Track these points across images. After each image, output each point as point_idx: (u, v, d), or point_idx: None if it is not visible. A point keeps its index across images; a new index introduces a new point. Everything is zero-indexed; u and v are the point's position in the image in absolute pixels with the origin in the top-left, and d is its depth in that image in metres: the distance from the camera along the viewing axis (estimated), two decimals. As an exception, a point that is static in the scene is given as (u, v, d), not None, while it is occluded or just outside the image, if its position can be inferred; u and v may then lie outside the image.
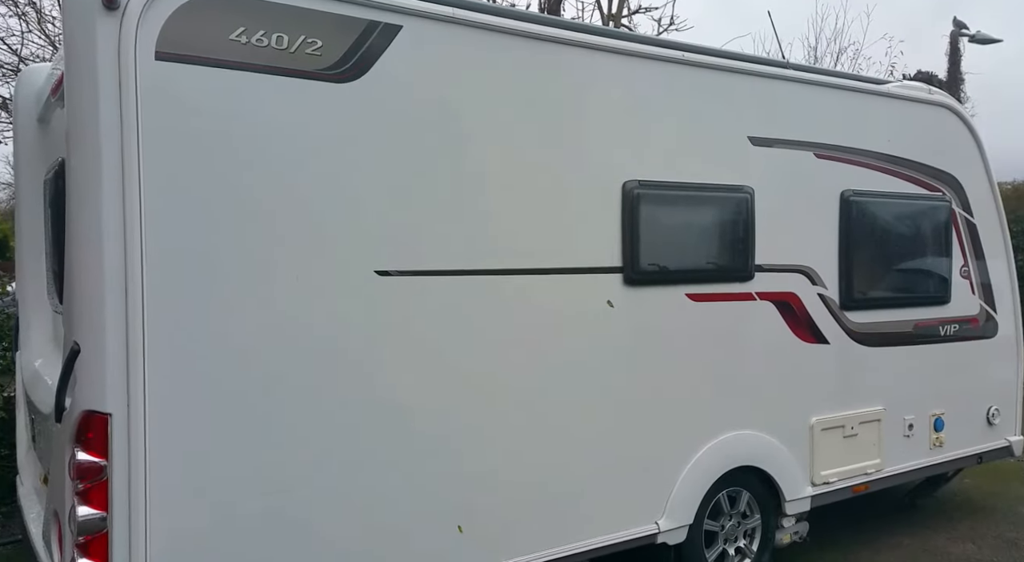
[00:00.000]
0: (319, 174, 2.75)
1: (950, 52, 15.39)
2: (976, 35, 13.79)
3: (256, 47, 2.58)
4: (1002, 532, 4.91)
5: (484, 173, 3.15)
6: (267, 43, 2.60)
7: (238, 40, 2.54)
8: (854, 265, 4.26)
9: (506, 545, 3.18)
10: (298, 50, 2.66)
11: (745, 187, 3.88)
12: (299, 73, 2.68)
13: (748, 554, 4.02)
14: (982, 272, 4.98)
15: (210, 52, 2.50)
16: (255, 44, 2.57)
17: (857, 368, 4.32)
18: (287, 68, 2.65)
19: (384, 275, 2.89)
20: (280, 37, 2.62)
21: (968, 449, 4.90)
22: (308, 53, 2.69)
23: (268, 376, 2.67)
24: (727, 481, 3.85)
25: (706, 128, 3.80)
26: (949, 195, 4.77)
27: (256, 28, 2.57)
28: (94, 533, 2.40)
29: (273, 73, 2.62)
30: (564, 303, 3.37)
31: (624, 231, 3.51)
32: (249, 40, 2.56)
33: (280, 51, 2.63)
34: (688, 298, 3.73)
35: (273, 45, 2.61)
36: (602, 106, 3.47)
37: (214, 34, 2.51)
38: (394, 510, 2.92)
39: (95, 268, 2.39)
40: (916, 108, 4.65)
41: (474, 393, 3.12)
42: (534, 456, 3.26)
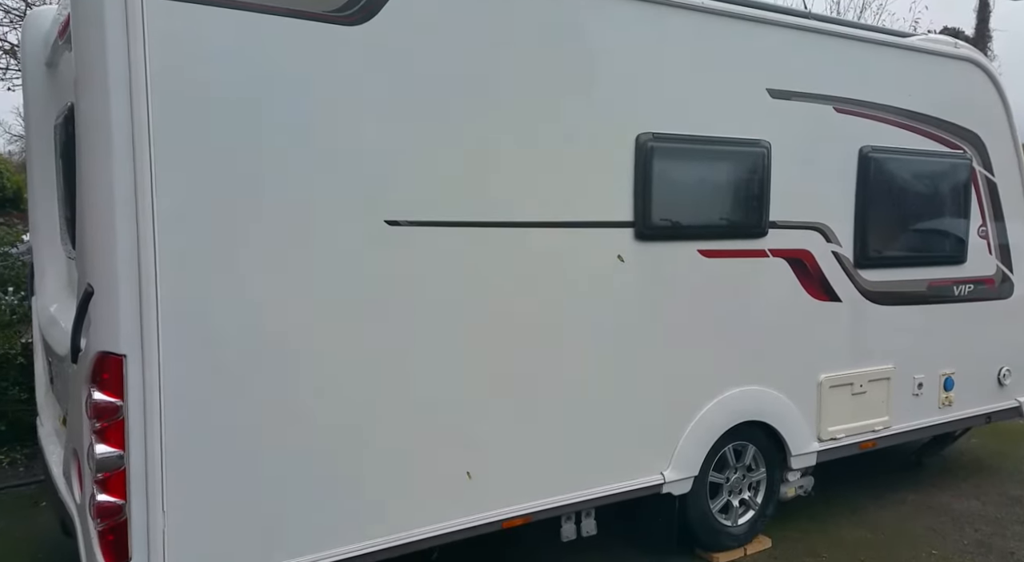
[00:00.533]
0: (328, 119, 2.73)
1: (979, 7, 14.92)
2: (1007, -10, 13.34)
3: (263, -14, 2.53)
4: (1007, 490, 4.95)
5: (497, 122, 3.11)
6: (273, -18, 2.55)
7: None
8: (870, 223, 4.20)
9: (514, 492, 3.23)
10: (307, -9, 2.62)
11: (762, 141, 3.82)
12: (307, 15, 2.64)
13: (752, 506, 4.07)
14: (1000, 232, 4.90)
15: (219, -8, 2.46)
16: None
17: (868, 327, 4.30)
18: (295, 9, 2.61)
19: (394, 225, 2.89)
20: (287, -23, 2.57)
21: (977, 409, 4.90)
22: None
23: (278, 319, 2.69)
24: (734, 435, 3.89)
25: (724, 80, 3.72)
26: (970, 153, 4.67)
27: (266, -31, 2.52)
28: (112, 470, 2.46)
29: (281, 14, 2.58)
30: (574, 257, 3.35)
31: (637, 185, 3.47)
32: (258, -21, 2.51)
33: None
34: (700, 254, 3.71)
35: (280, -16, 2.56)
36: (618, 55, 3.40)
37: (223, -26, 2.47)
38: (402, 456, 2.97)
39: (106, 211, 2.40)
40: (941, 63, 4.53)
41: (483, 344, 3.13)
42: (542, 406, 3.30)
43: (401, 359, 2.95)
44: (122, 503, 2.47)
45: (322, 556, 2.81)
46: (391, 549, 2.95)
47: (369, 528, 2.91)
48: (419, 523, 3.01)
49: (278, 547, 2.74)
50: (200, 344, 2.56)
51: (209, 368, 2.58)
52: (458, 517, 3.10)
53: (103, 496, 2.47)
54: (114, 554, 2.49)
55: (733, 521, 4.00)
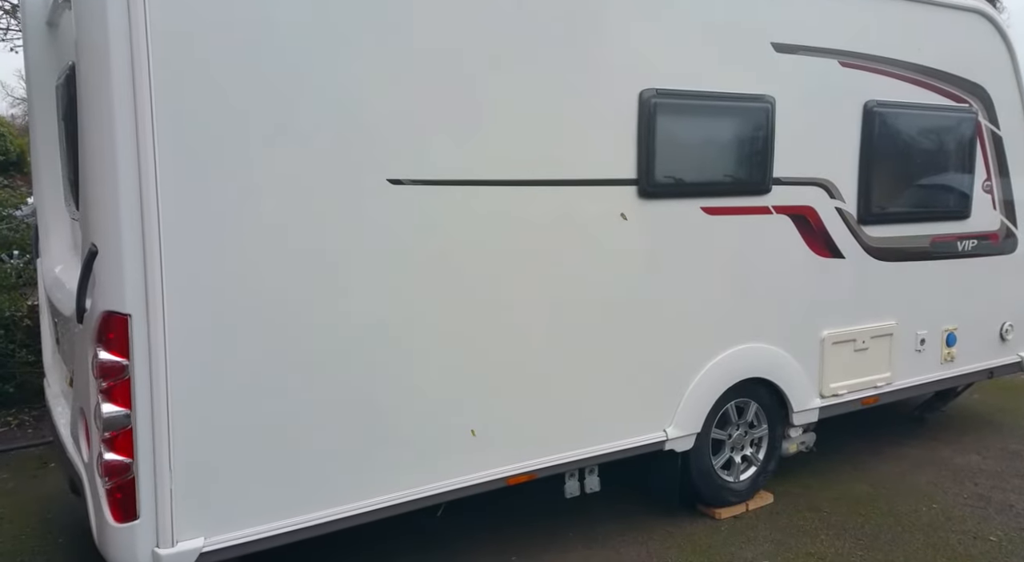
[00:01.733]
0: (332, 77, 2.70)
1: (988, -39, 14.59)
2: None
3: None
4: (1007, 444, 5.00)
5: (499, 79, 3.07)
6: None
7: None
8: (874, 178, 4.17)
9: (518, 449, 3.27)
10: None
11: (766, 96, 3.77)
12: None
13: (754, 462, 4.12)
14: (1005, 188, 4.87)
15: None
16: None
17: (871, 283, 4.30)
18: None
19: (397, 184, 2.88)
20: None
21: (979, 364, 4.93)
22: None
23: (281, 280, 2.70)
24: (736, 392, 3.92)
25: (727, 34, 3.66)
26: (976, 107, 4.62)
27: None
28: (119, 429, 2.49)
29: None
30: (577, 214, 3.34)
31: (640, 142, 3.45)
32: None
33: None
34: (703, 211, 3.69)
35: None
36: (619, 12, 3.34)
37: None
38: (405, 416, 3.00)
39: (109, 170, 2.38)
40: (948, 14, 4.45)
41: (486, 302, 3.14)
42: (546, 364, 3.32)
43: (406, 318, 2.96)
44: (129, 461, 2.51)
45: (331, 513, 2.86)
46: (398, 506, 3.00)
47: (376, 486, 2.96)
48: (425, 481, 3.05)
49: (287, 504, 2.78)
50: (205, 302, 2.56)
51: (214, 326, 2.59)
52: (464, 474, 3.14)
53: (110, 455, 2.50)
54: (122, 512, 2.53)
55: (735, 477, 4.05)
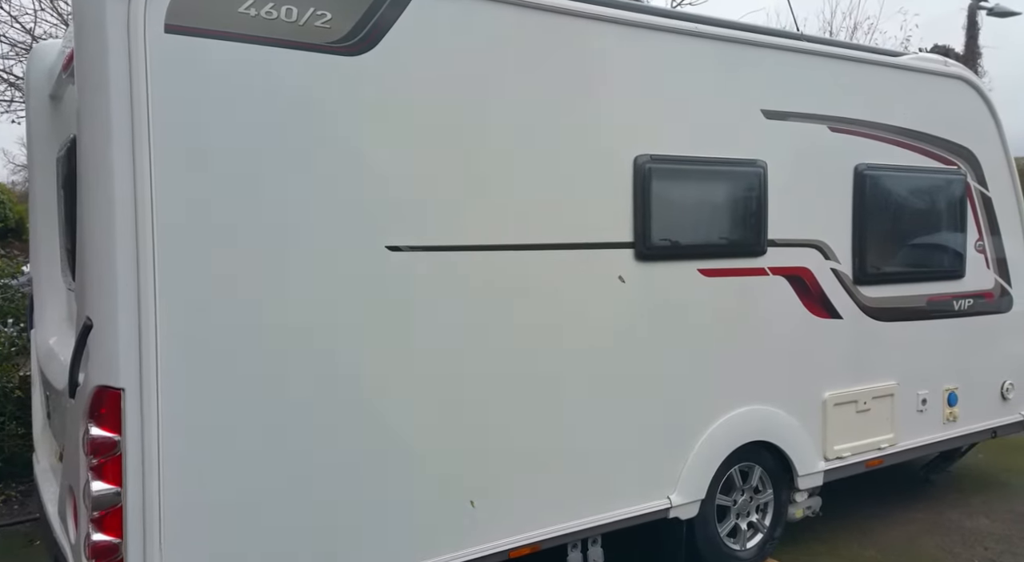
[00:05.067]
0: (330, 148, 2.73)
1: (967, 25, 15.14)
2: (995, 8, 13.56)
3: (265, 19, 2.55)
4: (1014, 506, 4.91)
5: (497, 147, 3.12)
6: (276, 15, 2.57)
7: (247, 12, 2.51)
8: (868, 239, 4.22)
9: (519, 520, 3.19)
10: (307, 22, 2.63)
11: (758, 161, 3.84)
12: (309, 46, 2.65)
13: (760, 529, 4.02)
14: (997, 246, 4.92)
15: (220, 25, 2.48)
16: (264, 16, 2.54)
17: (870, 343, 4.30)
18: (297, 41, 2.62)
19: (395, 250, 2.88)
20: (289, 9, 2.59)
21: (982, 424, 4.88)
22: (318, 25, 2.66)
23: (279, 352, 2.66)
24: (739, 456, 3.85)
25: (719, 101, 3.75)
26: (964, 169, 4.71)
27: (265, 0, 2.54)
28: (108, 508, 2.41)
29: (283, 46, 2.60)
30: (576, 278, 3.35)
31: (636, 206, 3.48)
32: (258, 12, 2.53)
33: (290, 23, 2.60)
34: (700, 273, 3.71)
35: (283, 17, 2.58)
36: (615, 79, 3.43)
37: (223, 6, 2.49)
38: (407, 485, 2.93)
39: (107, 243, 2.38)
40: (932, 81, 4.58)
41: (486, 369, 3.11)
42: (546, 432, 3.26)
43: (404, 388, 2.92)
44: (118, 542, 2.42)
45: (327, 591, 2.76)
46: (396, 582, 2.90)
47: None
48: (424, 557, 2.95)
49: (281, 582, 2.68)
50: (201, 377, 2.53)
51: (209, 402, 2.54)
52: (464, 548, 3.04)
53: (99, 535, 2.41)
54: (110, 596, 2.43)
55: (742, 545, 3.95)
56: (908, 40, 13.80)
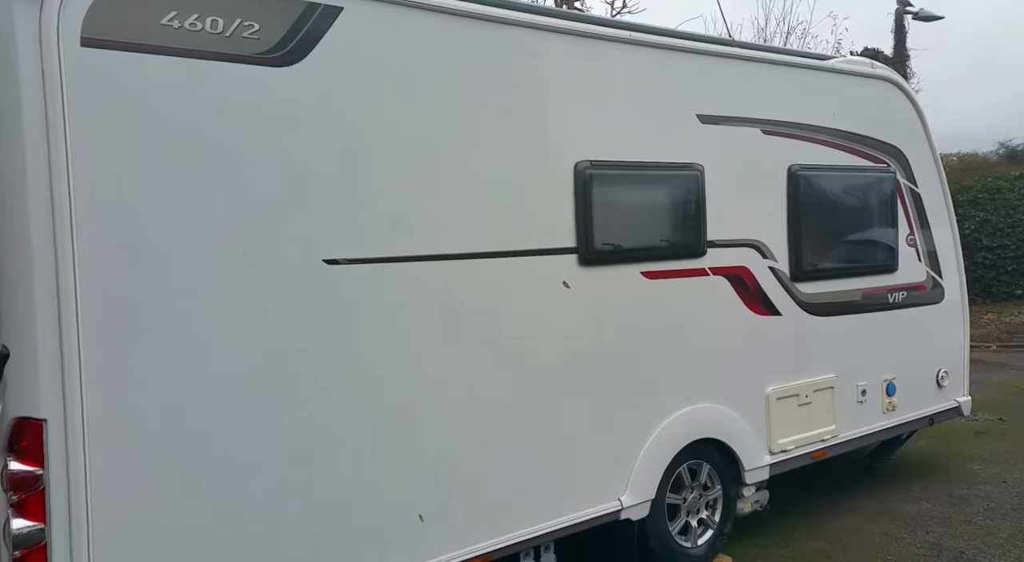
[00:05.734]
0: (261, 161, 2.68)
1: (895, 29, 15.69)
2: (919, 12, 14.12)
3: (189, 31, 2.49)
4: (954, 490, 5.09)
5: (435, 157, 3.11)
6: (201, 27, 2.51)
7: (170, 24, 2.45)
8: (803, 238, 4.33)
9: (470, 531, 3.17)
10: (234, 34, 2.58)
11: (695, 164, 3.92)
12: (236, 58, 2.60)
13: (711, 525, 4.09)
14: (927, 240, 5.11)
15: (140, 37, 2.41)
16: (188, 28, 2.49)
17: (809, 338, 4.41)
18: (223, 53, 2.57)
19: (333, 264, 2.85)
20: (214, 21, 2.54)
21: (920, 411, 5.05)
22: (245, 37, 2.61)
23: (212, 372, 2.59)
24: (688, 454, 3.91)
25: (656, 107, 3.82)
26: (894, 166, 4.88)
27: (189, 12, 2.48)
28: (31, 546, 2.28)
29: (208, 58, 2.54)
30: (520, 285, 3.36)
31: (578, 211, 3.51)
32: (182, 24, 2.47)
33: (215, 35, 2.55)
34: (643, 276, 3.76)
35: (207, 29, 2.53)
36: (553, 87, 3.46)
37: (144, 18, 2.42)
38: (350, 503, 2.88)
39: (23, 266, 2.28)
40: (859, 82, 4.74)
41: (430, 381, 3.09)
42: (494, 441, 3.26)
43: (348, 404, 2.88)
44: (44, 583, 2.30)
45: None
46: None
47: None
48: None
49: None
50: (129, 404, 2.42)
51: (139, 430, 2.44)
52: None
53: (23, 575, 2.29)
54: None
55: (693, 542, 4.00)
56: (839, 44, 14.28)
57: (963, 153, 17.88)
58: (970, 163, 17.11)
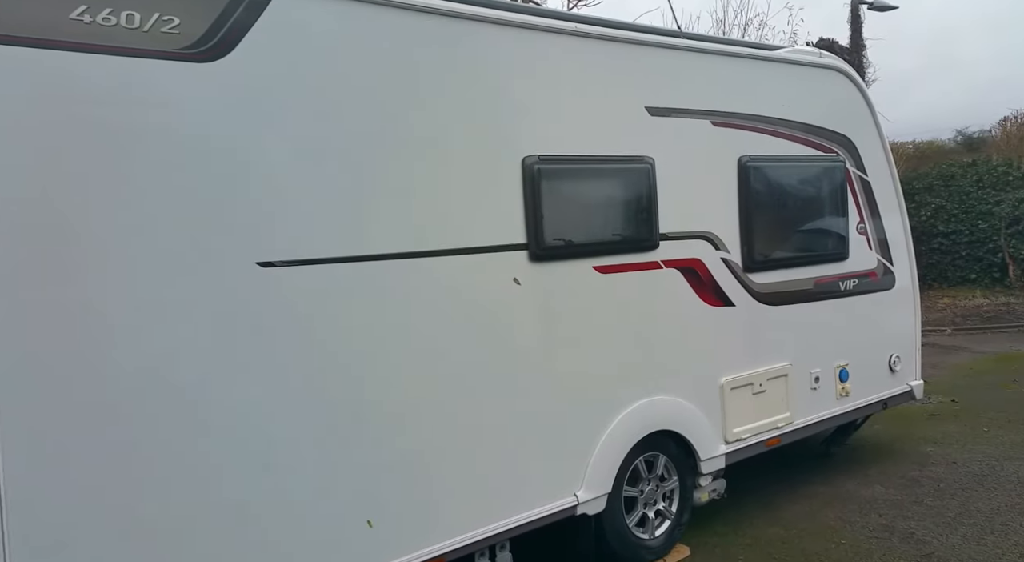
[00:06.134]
0: (187, 160, 2.57)
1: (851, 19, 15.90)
2: (874, 2, 14.31)
3: (103, 26, 2.37)
4: (906, 472, 5.17)
5: (377, 153, 3.03)
6: (116, 22, 2.39)
7: (80, 19, 2.33)
8: (754, 228, 4.34)
9: (423, 534, 3.11)
10: (152, 28, 2.47)
11: (646, 157, 3.89)
12: (156, 53, 2.48)
13: (668, 516, 4.09)
14: (878, 228, 5.17)
15: (48, 33, 2.28)
16: (101, 23, 2.36)
17: (762, 327, 4.43)
18: (141, 48, 2.45)
19: (268, 266, 2.75)
20: (130, 15, 2.42)
21: (873, 396, 5.12)
22: (165, 32, 2.50)
23: (137, 382, 2.48)
24: (643, 446, 3.90)
25: (605, 100, 3.78)
26: (843, 155, 4.91)
27: (101, 6, 2.36)
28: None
29: (125, 54, 2.42)
30: (469, 284, 3.30)
31: (527, 207, 3.46)
32: (94, 19, 2.35)
33: (132, 30, 2.43)
34: (596, 271, 3.72)
35: (123, 24, 2.41)
36: (499, 82, 3.40)
37: (51, 13, 2.29)
38: (294, 513, 2.80)
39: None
40: (808, 72, 4.76)
41: (378, 383, 3.02)
42: (446, 441, 3.20)
43: (290, 408, 2.80)
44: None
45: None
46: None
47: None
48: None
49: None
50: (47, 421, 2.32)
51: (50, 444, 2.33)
52: (363, 568, 2.95)
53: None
54: None
55: (650, 533, 4.00)
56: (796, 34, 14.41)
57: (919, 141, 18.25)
58: (926, 151, 17.45)
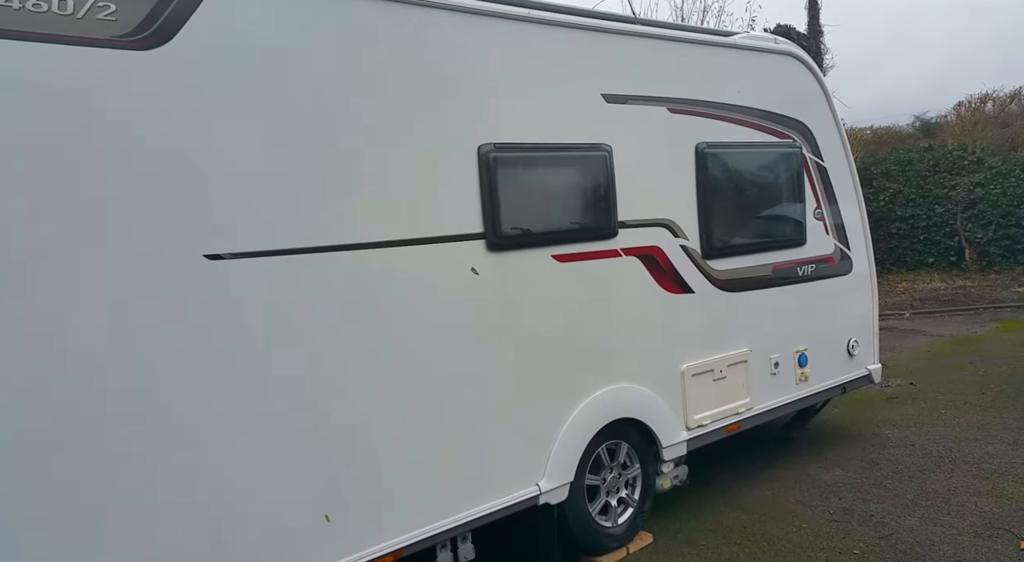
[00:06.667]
0: (126, 151, 2.50)
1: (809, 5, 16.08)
2: (830, -12, 14.48)
3: (33, 12, 2.29)
4: (866, 455, 5.27)
5: (327, 142, 2.97)
6: (46, 8, 2.31)
7: (7, 5, 2.24)
8: (713, 215, 4.36)
9: (382, 528, 3.09)
10: (87, 15, 2.39)
11: (603, 145, 3.88)
12: (90, 41, 2.40)
13: (630, 503, 4.11)
14: (835, 213, 5.24)
15: (-29, 19, 2.20)
16: (31, 9, 2.28)
17: (722, 313, 4.46)
18: (74, 36, 2.37)
19: (216, 259, 2.69)
20: (62, 1, 2.34)
21: (832, 381, 5.20)
22: (100, 18, 2.42)
23: (88, 378, 2.43)
24: (605, 435, 3.91)
25: (560, 87, 3.76)
26: (799, 141, 4.96)
27: (31, -9, 2.28)
28: None
29: (57, 42, 2.34)
30: (426, 274, 3.27)
31: (483, 196, 3.44)
32: (23, 5, 2.27)
33: (64, 16, 2.35)
34: (554, 259, 3.71)
35: (54, 10, 2.33)
36: (453, 69, 3.36)
37: (-24, -2, 2.21)
38: (245, 513, 2.75)
39: None
40: (762, 58, 4.79)
41: (332, 377, 2.98)
42: (404, 434, 3.17)
43: (245, 402, 2.75)
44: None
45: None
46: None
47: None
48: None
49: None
50: None
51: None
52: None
53: None
54: None
55: (613, 522, 4.02)
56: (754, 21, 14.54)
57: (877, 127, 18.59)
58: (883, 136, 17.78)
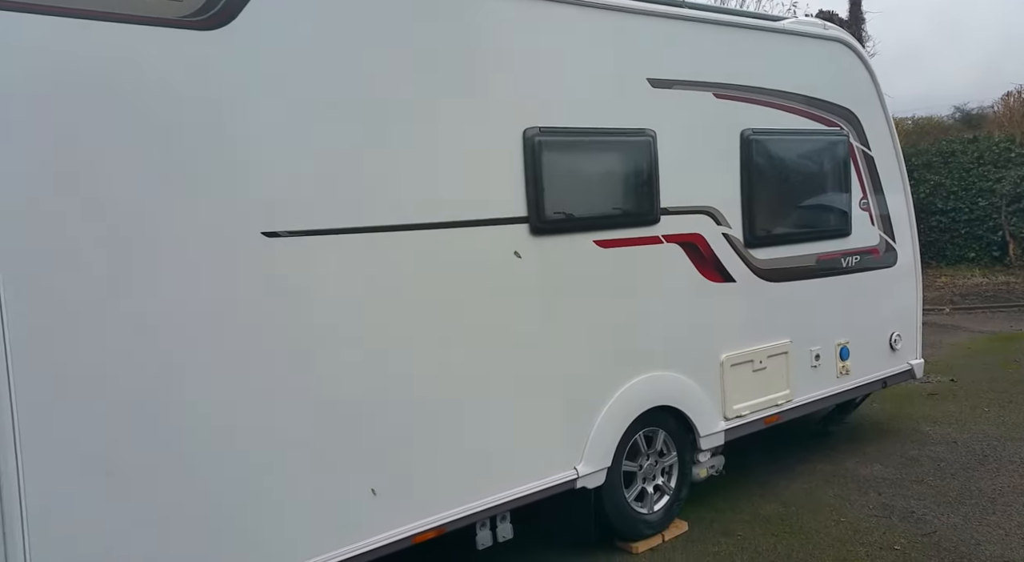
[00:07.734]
0: (190, 131, 2.56)
1: (851, -9, 15.69)
2: (875, -27, 14.10)
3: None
4: (906, 451, 5.19)
5: (380, 124, 3.01)
6: (116, -11, 2.37)
7: None
8: (756, 203, 4.32)
9: (424, 503, 3.14)
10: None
11: (647, 130, 3.86)
12: (156, 21, 2.46)
13: (667, 491, 4.11)
14: (881, 204, 5.14)
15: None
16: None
17: (763, 304, 4.42)
18: (141, 16, 2.43)
19: (273, 236, 2.74)
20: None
21: (873, 375, 5.12)
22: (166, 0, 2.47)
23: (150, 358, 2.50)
24: (643, 422, 3.91)
25: (606, 71, 3.74)
26: (847, 129, 4.88)
27: (94, -31, 2.34)
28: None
29: (124, 21, 2.40)
30: (470, 256, 3.30)
31: (528, 179, 3.45)
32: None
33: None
34: (596, 245, 3.71)
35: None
36: (500, 52, 3.37)
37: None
38: (299, 483, 2.82)
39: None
40: (811, 44, 4.71)
41: (385, 355, 3.03)
42: (448, 413, 3.21)
43: (296, 381, 2.80)
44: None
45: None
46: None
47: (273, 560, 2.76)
48: (325, 549, 2.86)
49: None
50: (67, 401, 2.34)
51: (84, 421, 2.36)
52: (365, 538, 2.97)
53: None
54: None
55: (649, 508, 4.03)
56: (795, 6, 14.25)
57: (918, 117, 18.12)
58: (924, 126, 17.34)
